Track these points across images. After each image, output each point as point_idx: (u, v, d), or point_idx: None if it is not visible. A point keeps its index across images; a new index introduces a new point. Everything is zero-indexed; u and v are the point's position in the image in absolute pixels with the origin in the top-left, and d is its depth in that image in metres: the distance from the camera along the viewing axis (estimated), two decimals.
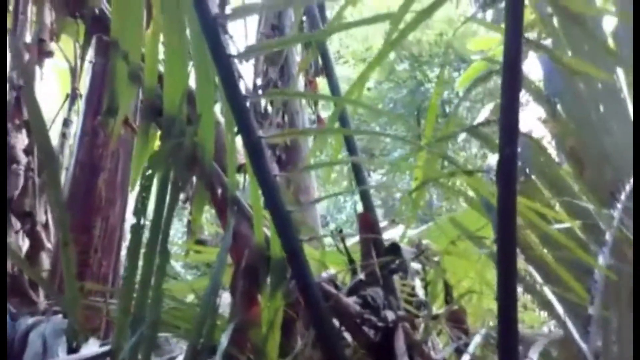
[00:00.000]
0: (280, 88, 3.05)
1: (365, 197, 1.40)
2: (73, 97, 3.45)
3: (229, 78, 1.05)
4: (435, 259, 1.21)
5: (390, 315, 1.03)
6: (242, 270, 1.12)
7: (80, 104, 2.18)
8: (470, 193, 1.37)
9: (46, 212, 2.10)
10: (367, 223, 1.26)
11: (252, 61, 3.48)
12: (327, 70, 1.61)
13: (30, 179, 1.91)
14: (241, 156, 1.18)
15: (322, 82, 4.23)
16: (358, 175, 1.41)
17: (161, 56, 1.21)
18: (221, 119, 1.21)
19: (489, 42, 4.80)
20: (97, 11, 1.36)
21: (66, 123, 3.75)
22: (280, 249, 1.05)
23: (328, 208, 9.96)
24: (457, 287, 1.17)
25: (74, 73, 2.91)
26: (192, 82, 1.23)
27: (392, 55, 7.76)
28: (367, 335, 1.02)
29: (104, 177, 1.98)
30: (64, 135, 3.78)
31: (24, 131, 1.93)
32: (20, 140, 1.89)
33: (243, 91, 1.12)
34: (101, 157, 1.96)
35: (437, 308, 1.19)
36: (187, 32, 1.13)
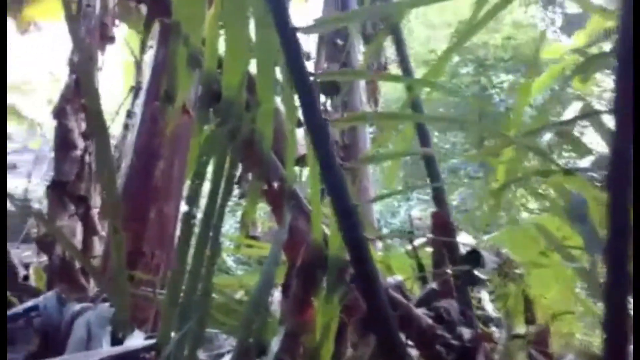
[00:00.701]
0: (342, 85, 2.97)
1: (439, 196, 1.28)
2: (137, 89, 3.48)
3: (295, 54, 0.97)
4: (518, 270, 1.08)
5: (467, 332, 0.92)
6: (297, 269, 1.04)
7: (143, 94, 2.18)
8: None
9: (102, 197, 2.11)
10: (442, 223, 1.15)
11: (312, 59, 3.42)
12: (400, 54, 1.50)
13: (87, 164, 1.91)
14: (301, 147, 1.10)
15: (382, 86, 4.13)
16: (431, 169, 1.30)
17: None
18: (281, 108, 1.14)
19: (561, 49, 4.57)
20: None
21: (129, 115, 3.80)
22: (340, 248, 0.96)
23: (381, 212, 9.79)
24: (537, 303, 1.05)
25: (139, 66, 2.93)
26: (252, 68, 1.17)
27: (455, 58, 7.55)
28: (439, 353, 0.91)
29: (161, 166, 1.96)
30: (126, 127, 3.83)
31: (82, 115, 1.92)
32: (78, 124, 1.89)
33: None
34: (159, 146, 1.94)
35: (516, 326, 1.07)
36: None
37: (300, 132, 1.11)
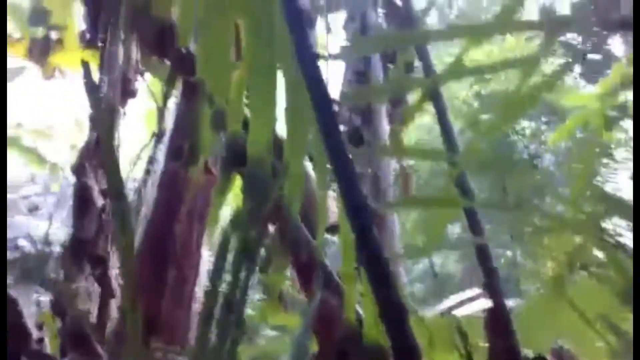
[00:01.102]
0: (365, 137, 2.91)
1: (483, 253, 1.18)
2: (159, 135, 3.46)
3: (328, 117, 0.89)
4: None
5: None
6: (330, 354, 0.94)
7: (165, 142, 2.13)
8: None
9: None
10: (499, 324, 1.03)
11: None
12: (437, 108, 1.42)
13: (106, 222, 1.85)
14: (333, 215, 1.01)
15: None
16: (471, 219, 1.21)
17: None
18: (311, 172, 1.06)
19: (585, 97, 4.49)
20: (183, 50, 1.27)
21: (151, 161, 3.78)
22: (378, 331, 0.86)
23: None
24: None
25: (161, 112, 2.90)
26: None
27: (475, 104, 7.48)
28: None
29: (182, 222, 1.89)
30: (147, 172, 3.80)
31: (102, 172, 1.87)
32: (98, 182, 1.84)
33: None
34: (179, 203, 1.87)
35: None
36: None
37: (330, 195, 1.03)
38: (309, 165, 1.08)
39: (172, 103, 2.19)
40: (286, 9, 0.79)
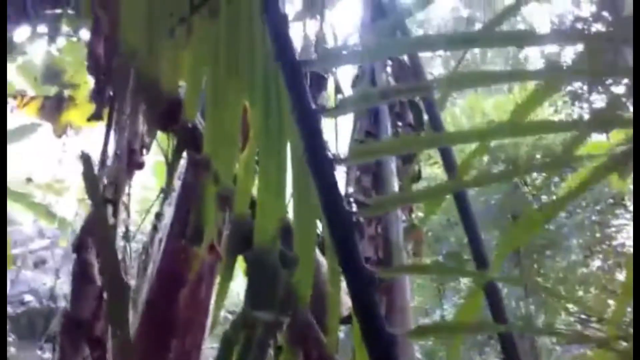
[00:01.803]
0: (374, 198, 2.86)
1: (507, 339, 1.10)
2: (166, 192, 3.43)
3: (336, 205, 0.85)
4: None
5: None
6: None
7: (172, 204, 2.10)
8: None
9: None
10: None
11: (343, 168, 3.35)
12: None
13: (104, 302, 1.78)
14: (345, 306, 0.95)
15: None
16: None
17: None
18: (322, 260, 1.00)
19: (597, 146, 4.46)
20: (190, 125, 1.24)
21: (158, 217, 3.73)
22: None
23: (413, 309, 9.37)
24: None
25: (170, 172, 2.87)
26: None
27: (485, 157, 7.46)
28: None
29: (185, 292, 1.83)
30: (155, 228, 3.75)
31: None
32: (98, 259, 1.78)
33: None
34: (185, 268, 1.82)
35: None
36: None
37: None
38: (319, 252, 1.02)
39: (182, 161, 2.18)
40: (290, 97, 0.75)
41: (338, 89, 3.25)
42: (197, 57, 1.20)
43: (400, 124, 3.36)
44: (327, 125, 3.14)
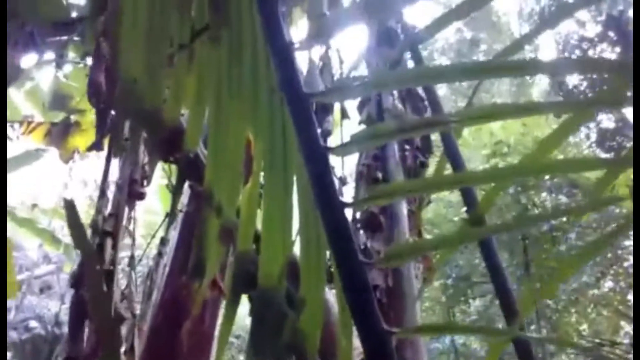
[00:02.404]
0: (383, 221, 2.79)
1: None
2: (171, 217, 3.38)
3: (347, 245, 0.78)
4: None
5: None
6: None
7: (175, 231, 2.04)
8: None
9: None
10: None
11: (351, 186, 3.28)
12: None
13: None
14: (356, 351, 0.88)
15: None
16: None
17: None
18: (331, 299, 0.94)
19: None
20: (191, 156, 1.19)
21: (163, 242, 3.68)
22: None
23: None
24: None
25: (173, 202, 2.82)
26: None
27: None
28: None
29: (189, 322, 1.76)
30: (160, 254, 3.70)
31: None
32: None
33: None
34: (188, 300, 1.76)
35: None
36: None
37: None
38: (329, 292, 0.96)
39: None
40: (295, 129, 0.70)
41: (344, 114, 3.20)
42: (199, 85, 1.16)
43: (407, 147, 3.30)
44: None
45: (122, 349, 2.10)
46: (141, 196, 1.70)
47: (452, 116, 0.63)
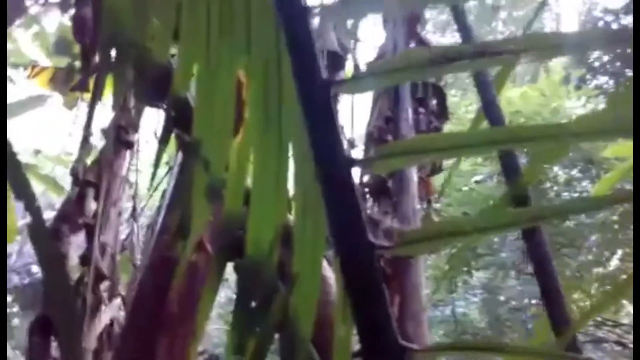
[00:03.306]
0: (392, 189, 2.64)
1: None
2: (155, 171, 3.25)
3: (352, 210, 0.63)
4: None
5: None
6: None
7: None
8: None
9: None
10: None
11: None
12: None
13: (81, 297, 1.59)
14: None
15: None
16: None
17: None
18: (330, 275, 0.80)
19: (627, 148, 4.18)
20: (181, 101, 1.03)
21: (164, 195, 3.57)
22: None
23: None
24: None
25: (158, 154, 2.68)
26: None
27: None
28: None
29: (171, 309, 1.64)
30: (160, 207, 3.59)
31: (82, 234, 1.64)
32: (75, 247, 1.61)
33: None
34: (168, 284, 1.63)
35: None
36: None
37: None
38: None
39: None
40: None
41: (357, 71, 3.00)
42: (189, 20, 1.00)
43: (422, 110, 3.13)
44: (340, 110, 2.92)
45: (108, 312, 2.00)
46: (129, 145, 1.55)
47: (507, 42, 0.47)
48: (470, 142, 0.53)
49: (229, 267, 0.99)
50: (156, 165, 1.10)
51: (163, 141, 1.11)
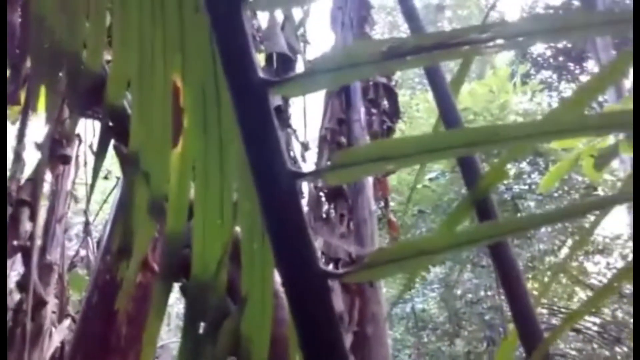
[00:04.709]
0: (347, 193, 2.61)
1: None
2: (93, 186, 3.12)
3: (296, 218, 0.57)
4: None
5: None
6: None
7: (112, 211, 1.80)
8: None
9: None
10: None
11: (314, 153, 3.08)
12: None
13: (20, 326, 1.46)
14: None
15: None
16: None
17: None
18: (281, 291, 0.75)
19: (572, 140, 4.29)
20: (116, 110, 0.96)
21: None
22: None
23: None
24: None
25: (95, 166, 2.57)
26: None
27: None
28: None
29: (124, 308, 1.55)
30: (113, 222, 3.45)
31: (19, 257, 1.52)
32: (12, 271, 1.49)
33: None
34: (112, 306, 1.54)
35: None
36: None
37: None
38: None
39: None
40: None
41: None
42: (123, 23, 0.93)
43: (374, 111, 3.11)
44: (293, 113, 2.85)
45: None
46: (65, 159, 1.45)
47: (477, 29, 0.43)
48: (433, 147, 0.49)
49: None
50: (94, 178, 1.02)
51: (100, 153, 1.04)
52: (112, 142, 1.06)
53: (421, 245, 0.46)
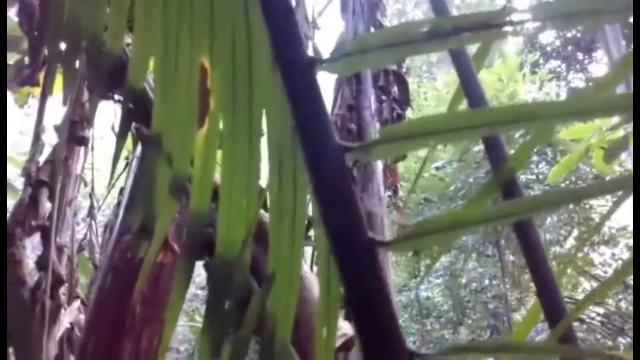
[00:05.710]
0: (358, 178, 2.62)
1: None
2: (115, 165, 3.15)
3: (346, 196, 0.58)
4: None
5: None
6: None
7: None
8: None
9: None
10: None
11: None
12: None
13: (39, 303, 1.49)
14: (339, 332, 0.71)
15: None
16: None
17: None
18: (307, 271, 0.76)
19: (582, 130, 4.28)
20: (137, 92, 0.97)
21: (122, 192, 3.45)
22: None
23: None
24: None
25: (117, 149, 2.59)
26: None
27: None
28: None
29: (141, 289, 1.57)
30: (119, 204, 3.48)
31: (37, 237, 1.54)
32: (30, 250, 1.50)
33: None
34: (139, 264, 1.55)
35: None
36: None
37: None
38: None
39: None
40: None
41: (342, 49, 2.96)
42: (145, 6, 0.93)
43: (384, 98, 3.11)
44: None
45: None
46: (83, 141, 1.47)
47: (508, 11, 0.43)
48: (472, 124, 0.50)
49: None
50: (115, 161, 1.03)
51: (122, 136, 1.05)
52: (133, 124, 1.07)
53: (460, 218, 0.47)
